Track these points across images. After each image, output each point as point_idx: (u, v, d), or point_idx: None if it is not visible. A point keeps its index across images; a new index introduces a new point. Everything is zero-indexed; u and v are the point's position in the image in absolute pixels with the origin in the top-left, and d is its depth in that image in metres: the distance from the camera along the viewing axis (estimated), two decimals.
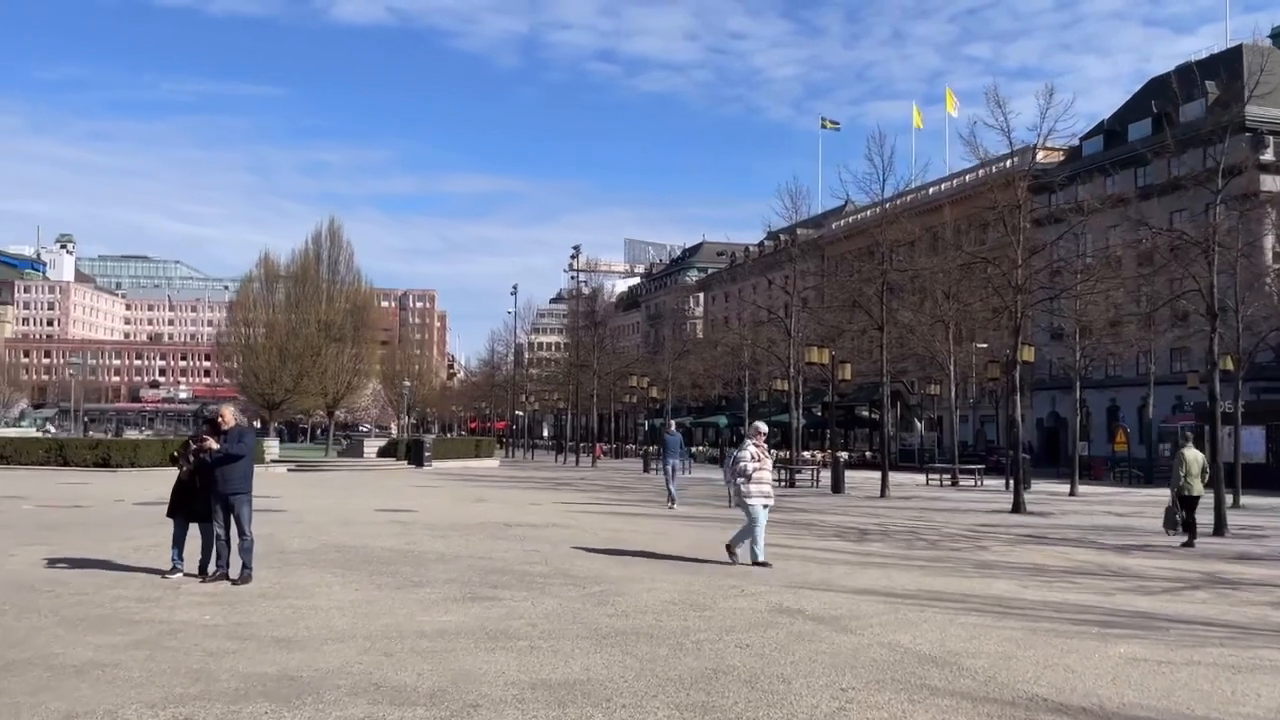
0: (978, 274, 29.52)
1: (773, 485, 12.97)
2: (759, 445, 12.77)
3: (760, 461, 12.60)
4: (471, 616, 8.86)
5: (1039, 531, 18.98)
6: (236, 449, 10.39)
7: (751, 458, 12.55)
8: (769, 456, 13.14)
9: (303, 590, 10.05)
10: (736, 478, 12.59)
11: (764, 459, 12.74)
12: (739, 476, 12.54)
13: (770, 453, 13.50)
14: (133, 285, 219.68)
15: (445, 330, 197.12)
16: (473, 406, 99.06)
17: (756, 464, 12.54)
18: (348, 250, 50.28)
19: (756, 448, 12.68)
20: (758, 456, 12.61)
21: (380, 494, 25.30)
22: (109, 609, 8.88)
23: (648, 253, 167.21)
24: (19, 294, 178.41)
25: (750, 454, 12.58)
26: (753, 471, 12.47)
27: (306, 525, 16.28)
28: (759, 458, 12.63)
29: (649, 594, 10.23)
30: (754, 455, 12.57)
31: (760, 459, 12.63)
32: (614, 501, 24.48)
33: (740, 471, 12.53)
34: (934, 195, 61.36)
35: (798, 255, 39.37)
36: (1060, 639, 8.44)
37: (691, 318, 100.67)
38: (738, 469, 12.59)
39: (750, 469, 12.48)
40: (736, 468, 12.62)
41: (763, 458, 12.71)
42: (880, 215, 30.22)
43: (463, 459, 46.96)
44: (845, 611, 9.51)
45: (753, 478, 12.45)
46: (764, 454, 12.79)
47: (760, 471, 12.56)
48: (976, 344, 39.79)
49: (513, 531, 16.07)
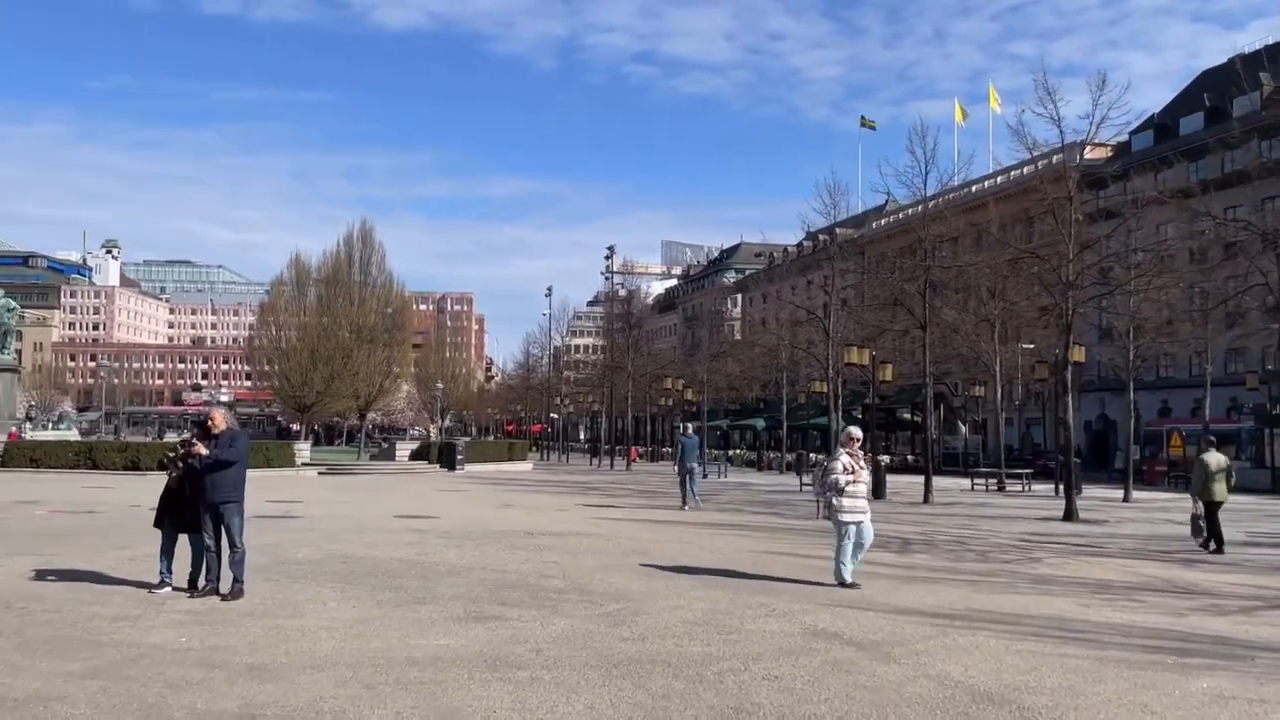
0: (1025, 270, 28.31)
1: (869, 499, 11.43)
2: (853, 454, 11.27)
3: (854, 473, 11.11)
4: (472, 640, 8.03)
5: (1094, 541, 17.84)
6: (227, 454, 9.66)
7: (844, 469, 11.07)
8: (865, 466, 11.47)
9: (294, 607, 9.27)
10: (827, 491, 11.20)
11: (859, 469, 11.20)
12: (830, 490, 11.13)
13: (865, 461, 11.69)
14: (176, 290, 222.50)
15: (483, 333, 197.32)
16: (508, 409, 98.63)
17: (850, 476, 11.07)
18: (379, 251, 49.87)
19: (850, 457, 11.19)
20: (851, 467, 11.11)
21: (405, 498, 24.63)
22: (79, 629, 8.16)
23: (685, 254, 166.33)
24: (65, 299, 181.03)
25: (843, 464, 11.10)
26: (846, 484, 11.02)
27: (318, 533, 15.58)
28: (853, 468, 11.13)
29: (671, 613, 9.35)
30: (847, 466, 11.10)
31: (854, 469, 11.13)
32: (644, 508, 23.61)
33: (832, 485, 11.10)
34: (977, 193, 59.86)
35: (836, 254, 38.24)
36: (1132, 670, 7.44)
37: (729, 319, 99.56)
38: (828, 481, 11.15)
39: (843, 482, 11.03)
40: (827, 480, 11.19)
41: (857, 468, 11.18)
42: (923, 211, 29.03)
43: (495, 462, 46.32)
44: (887, 635, 8.56)
45: (846, 491, 11.03)
46: (859, 463, 11.25)
47: (855, 484, 11.10)
48: (1022, 344, 38.45)
49: (533, 541, 15.25)
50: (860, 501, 11.16)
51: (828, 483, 11.20)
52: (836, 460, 11.25)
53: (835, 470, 11.12)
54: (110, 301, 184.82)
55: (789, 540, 16.61)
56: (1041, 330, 39.74)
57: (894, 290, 31.93)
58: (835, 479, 11.06)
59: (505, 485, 32.48)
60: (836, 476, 11.06)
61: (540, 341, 78.58)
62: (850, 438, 11.49)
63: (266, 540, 14.26)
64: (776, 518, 21.53)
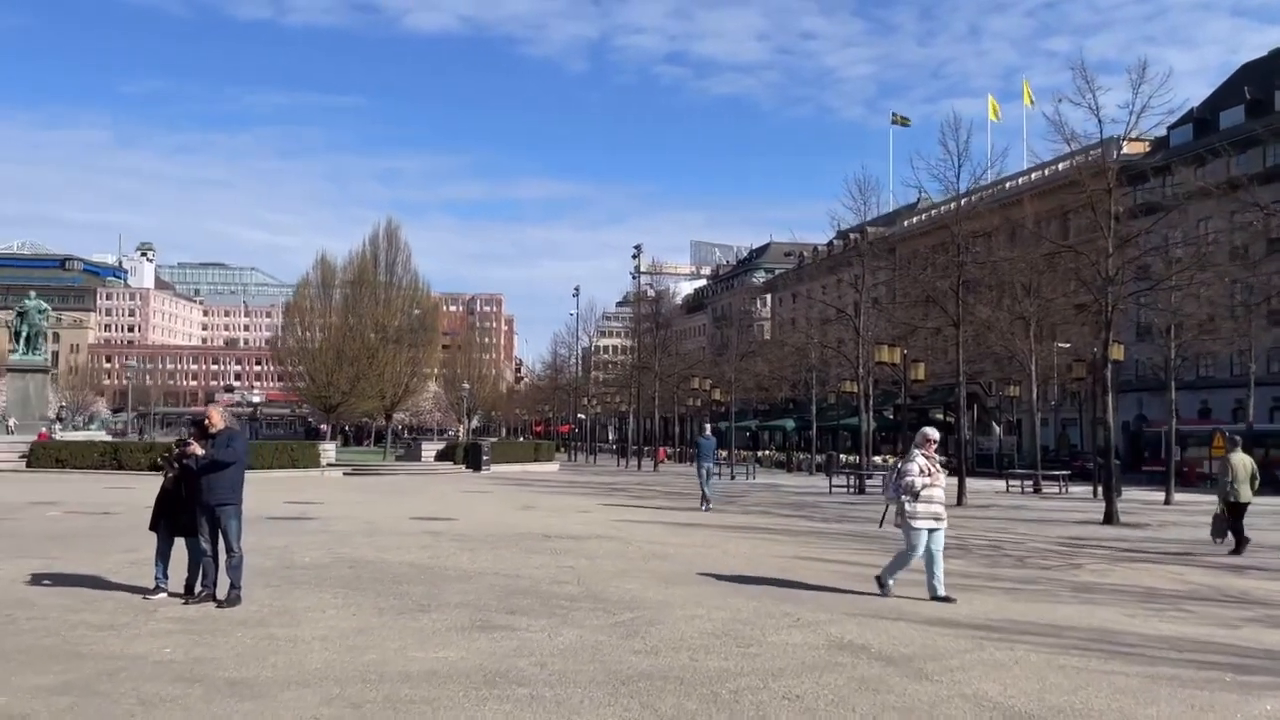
0: (1062, 266, 27.45)
1: (943, 504, 10.62)
2: (928, 456, 10.56)
3: (931, 476, 10.42)
4: (474, 652, 7.53)
5: (1137, 545, 17.10)
6: (223, 455, 9.22)
7: (920, 471, 10.36)
8: (940, 470, 10.72)
9: (291, 616, 8.82)
10: (901, 495, 10.42)
11: (935, 472, 10.50)
12: (905, 494, 10.37)
13: (941, 465, 10.86)
14: (210, 292, 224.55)
15: (512, 334, 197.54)
16: (536, 410, 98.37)
17: (926, 479, 10.36)
18: (405, 251, 49.57)
19: (926, 459, 10.49)
20: (927, 469, 10.40)
21: (426, 500, 24.24)
22: (61, 638, 7.74)
23: (714, 254, 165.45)
24: (101, 301, 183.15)
25: (919, 466, 10.39)
26: (921, 488, 10.33)
27: (330, 535, 15.17)
28: (929, 471, 10.42)
29: (688, 623, 8.81)
30: (923, 468, 10.39)
31: (931, 472, 10.43)
32: (668, 509, 23.06)
33: (907, 488, 10.35)
34: (1011, 190, 58.80)
35: (867, 250, 37.52)
36: (1187, 690, 6.83)
37: (758, 319, 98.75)
38: (903, 484, 10.40)
39: (918, 485, 10.32)
40: (902, 483, 10.42)
41: (933, 470, 10.47)
42: (956, 206, 28.25)
43: (522, 463, 45.92)
44: (919, 649, 7.97)
45: (921, 495, 10.34)
46: (935, 466, 10.55)
47: (931, 488, 10.41)
48: (1058, 343, 37.52)
49: (550, 544, 14.75)
50: (936, 507, 10.43)
51: (901, 485, 10.43)
52: (911, 461, 10.53)
53: (910, 472, 10.39)
54: (145, 303, 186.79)
55: (817, 545, 16.01)
56: (1078, 328, 38.79)
57: (926, 287, 31.14)
58: (910, 481, 10.34)
59: (529, 486, 32.05)
60: (911, 479, 10.34)
61: (568, 342, 78.32)
62: (926, 439, 10.74)
63: (275, 543, 13.88)
64: (804, 520, 20.92)
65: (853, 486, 31.62)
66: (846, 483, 32.50)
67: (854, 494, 30.53)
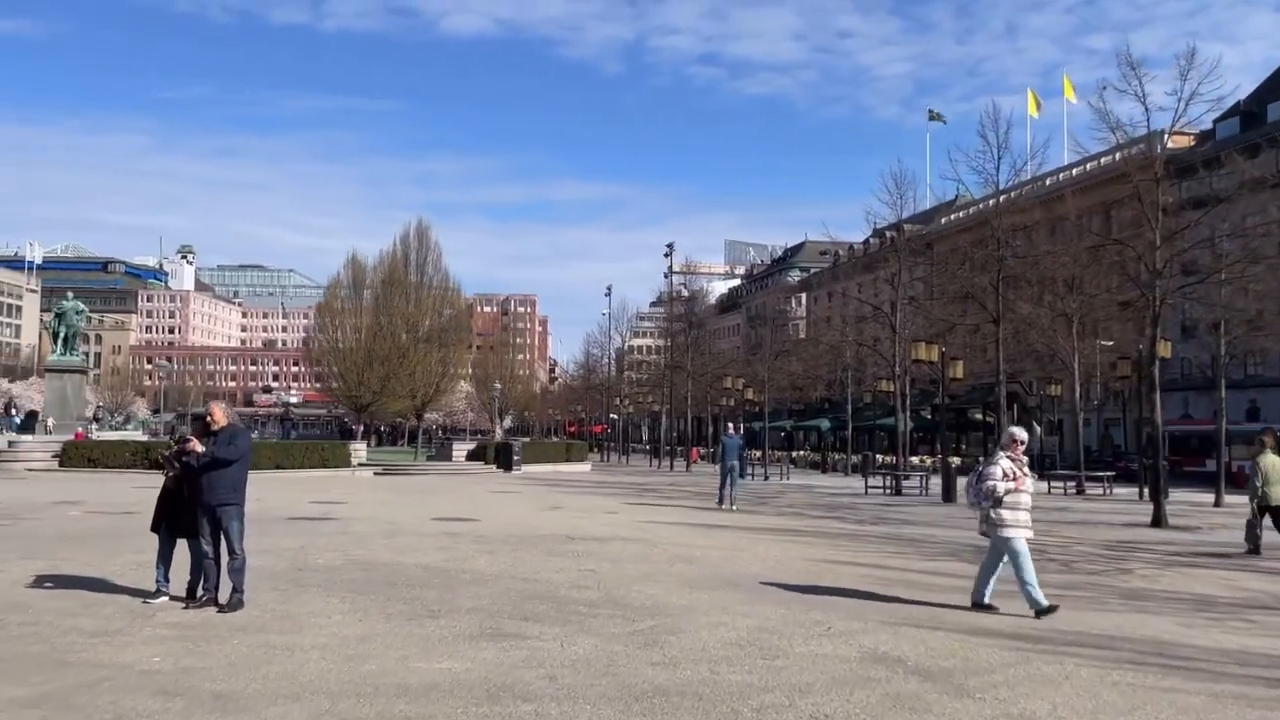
0: (1106, 260, 26.54)
1: (1030, 511, 9.77)
2: (1015, 458, 9.75)
3: (1017, 480, 9.62)
4: (479, 663, 7.05)
5: (1187, 549, 16.35)
6: (224, 453, 8.82)
7: (1004, 475, 9.59)
8: (1028, 474, 9.90)
9: (294, 621, 8.40)
10: (984, 501, 9.64)
11: (1022, 476, 9.69)
12: (987, 500, 9.60)
13: (1029, 470, 9.98)
14: (249, 293, 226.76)
15: (546, 334, 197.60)
16: (570, 410, 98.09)
17: (1011, 483, 9.58)
18: (436, 251, 49.33)
19: (1011, 461, 9.70)
20: (1013, 473, 9.62)
21: (452, 500, 23.86)
22: (50, 645, 7.36)
23: (748, 253, 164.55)
24: (142, 303, 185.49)
25: (1003, 470, 9.61)
26: (1005, 493, 9.53)
27: (349, 537, 14.78)
28: (1014, 474, 9.62)
29: (711, 632, 8.28)
30: (1008, 471, 9.61)
31: (1017, 476, 9.64)
32: (698, 510, 22.51)
33: (989, 493, 9.56)
34: (1052, 185, 57.57)
35: (904, 246, 36.72)
36: (1257, 711, 6.24)
37: (793, 319, 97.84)
38: (985, 489, 9.62)
39: (1002, 489, 9.53)
40: (984, 487, 9.64)
41: (1020, 474, 9.67)
42: (995, 198, 27.41)
43: (553, 463, 45.53)
44: (959, 662, 7.40)
45: (1005, 501, 9.54)
46: (1022, 469, 9.74)
47: (1018, 494, 9.59)
48: (1101, 340, 36.49)
49: (572, 546, 14.26)
50: (1023, 514, 9.61)
51: (984, 490, 9.63)
52: (995, 464, 9.72)
53: (993, 475, 9.60)
54: (185, 305, 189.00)
55: (850, 547, 15.41)
56: (1120, 325, 37.72)
57: (965, 283, 30.28)
58: (993, 486, 9.54)
59: (559, 487, 31.62)
60: (994, 483, 9.55)
61: (600, 342, 77.91)
62: (1013, 439, 9.94)
63: (290, 544, 13.52)
64: (837, 522, 20.29)
65: (889, 488, 30.89)
66: (883, 484, 31.78)
67: (890, 495, 29.80)
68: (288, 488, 26.42)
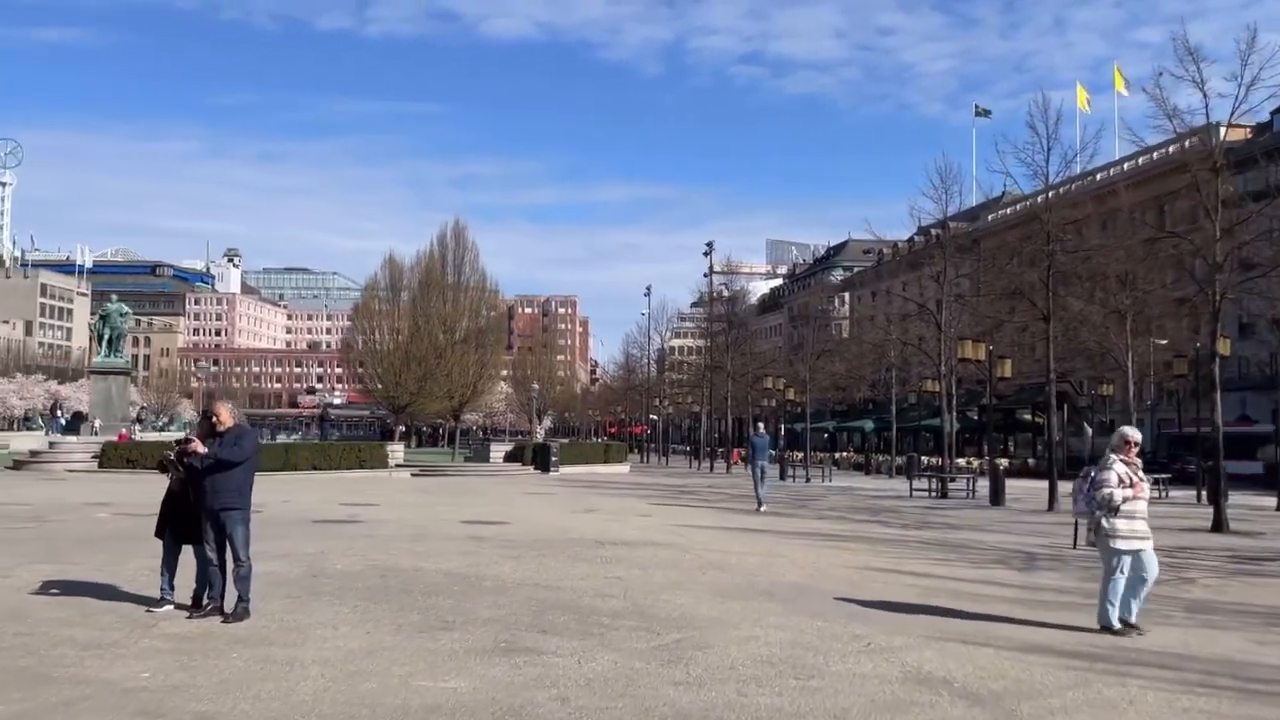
0: (1161, 255, 25.52)
1: (1147, 520, 8.78)
2: (1129, 461, 8.77)
3: (1134, 485, 8.65)
4: (488, 681, 6.54)
5: (1252, 555, 15.47)
6: (228, 454, 8.40)
7: (1120, 480, 8.61)
8: (1144, 478, 8.92)
9: (299, 633, 7.95)
10: (1097, 509, 8.63)
11: (1138, 481, 8.72)
12: (1101, 507, 8.60)
13: (1144, 474, 8.98)
14: (294, 296, 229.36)
15: (587, 336, 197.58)
16: (610, 411, 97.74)
17: (1128, 490, 8.59)
18: (473, 251, 49.14)
19: (1125, 465, 8.73)
20: (1128, 478, 8.63)
21: (485, 502, 23.46)
22: (38, 659, 6.97)
23: (790, 253, 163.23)
24: (190, 306, 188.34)
25: (1117, 475, 8.63)
26: (1121, 501, 8.56)
27: (371, 540, 14.37)
28: (1130, 480, 8.64)
29: (741, 647, 7.71)
30: (1123, 476, 8.63)
31: (1133, 481, 8.66)
32: (735, 513, 21.91)
33: (1104, 501, 8.57)
34: (1103, 180, 56.11)
35: (950, 243, 35.79)
36: None
37: (836, 318, 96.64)
38: (1100, 496, 8.60)
39: (1118, 497, 8.54)
40: (1099, 494, 8.61)
41: (1136, 479, 8.69)
42: (1045, 191, 26.44)
43: (591, 464, 45.11)
44: (1010, 684, 6.76)
45: (1121, 510, 8.57)
46: (1137, 474, 8.76)
47: (1135, 501, 8.62)
48: (1155, 339, 35.32)
49: (601, 551, 13.73)
50: (1140, 524, 8.67)
51: (1098, 498, 8.62)
52: (1109, 469, 8.69)
53: (1108, 481, 8.59)
54: (231, 308, 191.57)
55: (892, 554, 14.72)
56: (1175, 322, 36.51)
57: (1013, 279, 29.32)
58: (1109, 493, 8.55)
59: (596, 488, 31.15)
60: (1110, 490, 8.55)
61: (640, 342, 77.44)
62: (1125, 440, 8.89)
63: (311, 548, 13.14)
64: (880, 527, 19.56)
65: (935, 490, 30.04)
66: (928, 486, 30.92)
67: (936, 498, 28.96)
68: (322, 489, 26.25)
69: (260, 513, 18.38)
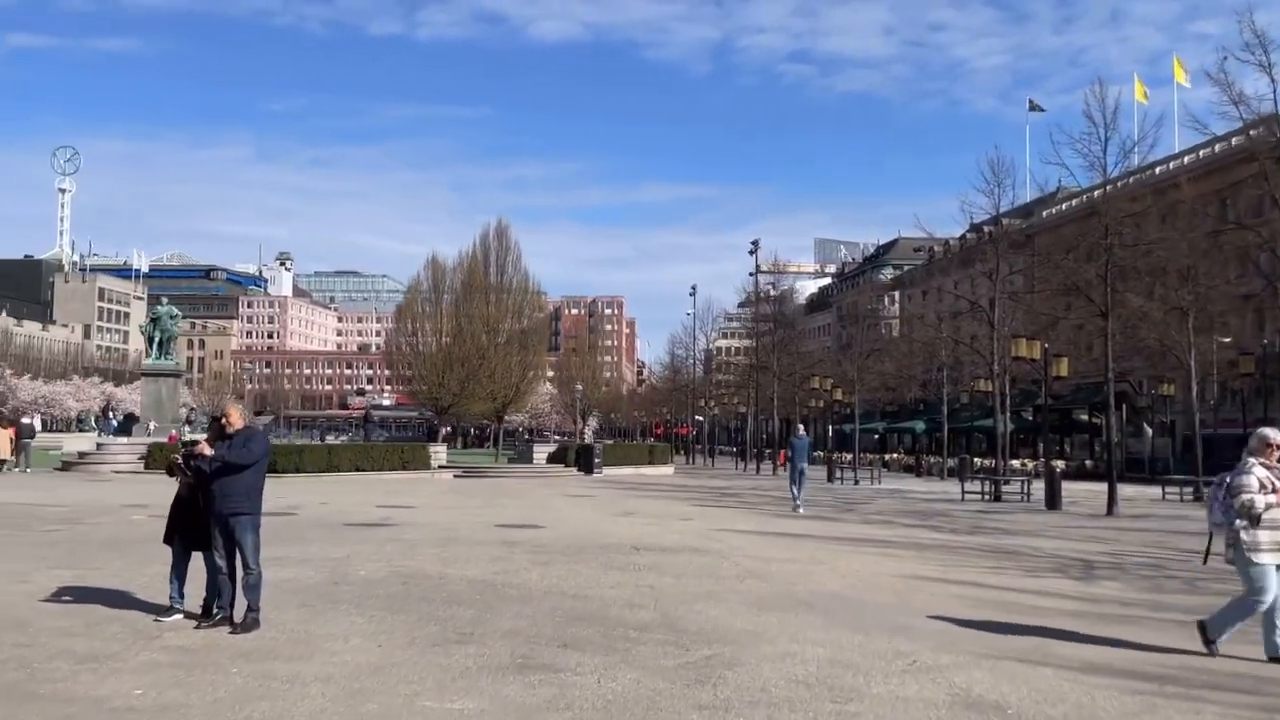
0: (1227, 247, 24.43)
1: None
2: (1270, 465, 7.69)
3: (1276, 492, 7.57)
4: (498, 702, 6.07)
5: None
6: (236, 456, 8.03)
7: (1261, 486, 7.57)
8: None
9: (308, 645, 7.55)
10: (1237, 519, 7.61)
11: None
12: (1241, 517, 7.58)
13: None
14: (344, 299, 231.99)
15: (634, 336, 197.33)
16: (655, 412, 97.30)
17: (1271, 497, 7.54)
18: (515, 251, 48.93)
19: (1266, 469, 7.66)
20: (1270, 484, 7.58)
21: (523, 504, 23.08)
22: (29, 673, 6.63)
23: (839, 252, 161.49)
24: (243, 309, 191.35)
25: (1258, 480, 7.59)
26: (1264, 508, 7.53)
27: (399, 544, 14.00)
28: (1272, 485, 7.58)
29: (774, 665, 7.16)
30: (1264, 482, 7.59)
31: (1275, 488, 7.58)
32: (778, 517, 21.30)
33: (1244, 508, 7.55)
34: (1163, 174, 54.46)
35: (1002, 237, 34.80)
36: None
37: (886, 317, 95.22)
38: (1239, 504, 7.57)
39: (1260, 505, 7.52)
40: (1237, 502, 7.59)
41: (1278, 485, 7.61)
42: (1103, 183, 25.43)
43: (636, 466, 44.62)
44: (1070, 710, 6.16)
45: (1263, 519, 7.53)
46: (1278, 479, 7.66)
47: (1276, 509, 7.55)
48: (1218, 336, 34.01)
49: (636, 558, 13.22)
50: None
51: (1237, 505, 7.59)
52: (1248, 474, 7.65)
53: (1248, 487, 7.57)
54: (283, 311, 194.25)
55: (942, 561, 14.03)
56: (1239, 319, 35.15)
57: (1069, 275, 28.28)
58: (1249, 500, 7.53)
59: (638, 490, 30.67)
60: (1250, 496, 7.53)
61: (685, 343, 76.81)
62: (1266, 443, 7.81)
63: (337, 553, 12.80)
64: (930, 532, 18.83)
65: (988, 493, 29.13)
66: (981, 489, 30.00)
67: (989, 501, 28.06)
68: (361, 490, 26.06)
69: (295, 515, 18.26)
